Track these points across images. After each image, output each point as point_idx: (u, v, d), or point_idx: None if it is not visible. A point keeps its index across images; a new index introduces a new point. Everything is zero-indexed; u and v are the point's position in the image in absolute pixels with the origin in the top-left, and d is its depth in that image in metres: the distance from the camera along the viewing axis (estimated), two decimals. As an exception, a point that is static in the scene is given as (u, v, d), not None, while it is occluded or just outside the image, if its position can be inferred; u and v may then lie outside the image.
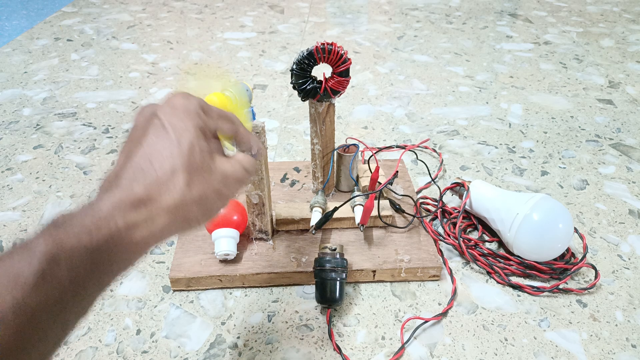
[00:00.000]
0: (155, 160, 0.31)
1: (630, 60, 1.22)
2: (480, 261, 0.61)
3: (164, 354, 0.51)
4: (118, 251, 0.29)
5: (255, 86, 1.07)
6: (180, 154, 0.31)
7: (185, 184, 0.31)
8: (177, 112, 0.33)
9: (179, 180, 0.31)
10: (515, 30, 1.40)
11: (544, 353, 0.52)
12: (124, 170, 0.31)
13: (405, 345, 0.52)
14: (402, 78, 1.12)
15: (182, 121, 0.32)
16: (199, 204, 0.32)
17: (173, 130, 0.32)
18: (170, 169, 0.31)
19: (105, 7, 1.56)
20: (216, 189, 0.33)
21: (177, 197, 0.31)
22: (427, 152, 0.85)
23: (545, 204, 0.59)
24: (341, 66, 0.57)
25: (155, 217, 0.30)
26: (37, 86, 1.06)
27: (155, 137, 0.32)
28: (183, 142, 0.32)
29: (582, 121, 0.95)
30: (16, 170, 0.79)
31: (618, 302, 0.58)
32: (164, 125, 0.32)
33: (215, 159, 0.34)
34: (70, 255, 0.26)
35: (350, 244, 0.62)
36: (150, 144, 0.31)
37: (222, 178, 0.34)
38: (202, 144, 0.33)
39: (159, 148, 0.31)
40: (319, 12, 1.54)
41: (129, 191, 0.29)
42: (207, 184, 0.33)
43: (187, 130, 0.32)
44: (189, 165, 0.31)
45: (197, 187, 0.32)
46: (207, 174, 0.33)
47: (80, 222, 0.28)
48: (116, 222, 0.28)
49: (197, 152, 0.32)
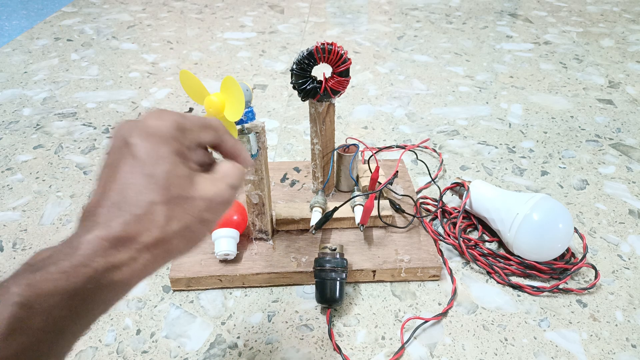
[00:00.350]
0: (131, 195, 0.29)
1: (630, 60, 1.22)
2: (480, 261, 0.61)
3: (164, 354, 0.51)
4: (98, 294, 0.27)
5: (255, 86, 1.07)
6: (156, 187, 0.29)
7: (165, 219, 0.29)
8: (150, 138, 0.30)
9: (157, 215, 0.29)
10: (515, 30, 1.40)
11: (544, 353, 0.52)
12: (100, 205, 0.29)
13: (405, 345, 0.52)
14: (402, 78, 1.12)
15: (156, 149, 0.30)
16: (182, 235, 0.30)
17: (147, 159, 0.29)
18: (148, 204, 0.29)
19: (105, 7, 1.56)
20: (199, 216, 0.31)
21: (157, 233, 0.29)
22: (427, 152, 0.85)
23: (545, 204, 0.59)
24: (341, 66, 0.57)
25: (136, 256, 0.28)
26: (37, 86, 1.06)
27: (129, 168, 0.29)
28: (158, 172, 0.29)
29: (582, 121, 0.95)
30: (16, 170, 0.79)
31: (618, 302, 0.58)
32: (136, 156, 0.30)
33: (195, 184, 0.31)
34: (45, 300, 0.25)
35: (350, 244, 0.62)
36: (124, 177, 0.29)
37: (205, 204, 0.31)
38: (180, 171, 0.30)
39: (133, 181, 0.29)
40: (319, 12, 1.54)
41: (107, 230, 0.28)
42: (188, 214, 0.30)
43: (161, 159, 0.30)
44: (166, 197, 0.29)
45: (178, 220, 0.30)
46: (187, 203, 0.30)
47: (56, 264, 0.26)
48: (95, 264, 0.27)
49: (174, 181, 0.30)
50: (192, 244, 0.32)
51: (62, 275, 0.26)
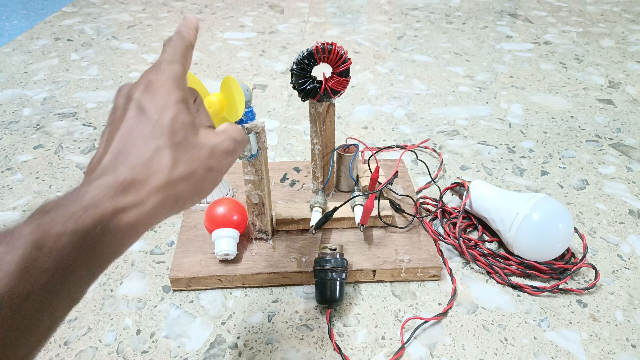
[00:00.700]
0: (137, 141, 0.30)
1: (630, 60, 1.22)
2: (480, 261, 0.61)
3: (164, 354, 0.51)
4: (106, 237, 0.28)
5: (255, 86, 1.07)
6: (161, 132, 0.30)
7: (171, 162, 0.30)
8: (153, 90, 0.31)
9: (164, 159, 0.30)
10: (515, 30, 1.40)
11: (544, 353, 0.52)
12: (106, 154, 0.30)
13: (405, 345, 0.52)
14: (402, 78, 1.12)
15: (160, 98, 0.31)
16: (188, 181, 0.31)
17: (152, 108, 0.31)
18: (154, 149, 0.30)
19: (105, 7, 1.56)
20: (205, 164, 0.32)
21: (164, 176, 0.30)
22: (427, 152, 0.85)
23: (545, 204, 0.59)
24: (341, 66, 0.57)
25: (144, 200, 0.29)
26: (37, 86, 1.06)
27: (134, 118, 0.31)
28: (163, 119, 0.30)
29: (582, 121, 0.95)
30: (16, 170, 0.79)
31: (618, 302, 0.58)
32: (140, 107, 0.31)
33: (199, 133, 0.32)
34: (55, 241, 0.25)
35: (350, 244, 0.62)
36: (130, 126, 0.30)
37: (209, 152, 0.32)
38: (185, 118, 0.32)
39: (139, 129, 0.30)
40: (319, 12, 1.54)
41: (115, 175, 0.28)
42: (194, 159, 0.31)
43: (166, 107, 0.31)
44: (172, 142, 0.30)
45: (184, 164, 0.31)
46: (192, 149, 0.31)
47: (65, 208, 0.27)
48: (103, 207, 0.27)
49: (179, 127, 0.31)
50: (200, 192, 0.33)
51: (70, 217, 0.26)
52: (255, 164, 0.55)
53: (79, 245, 0.26)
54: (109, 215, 0.27)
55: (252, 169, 0.56)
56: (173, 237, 0.66)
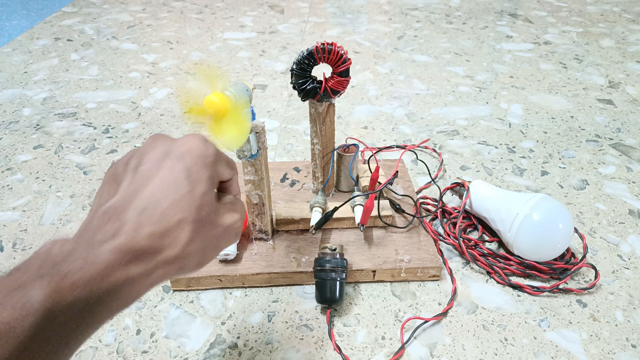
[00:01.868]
0: (164, 206, 0.29)
1: (630, 60, 1.22)
2: (480, 261, 0.61)
3: (164, 354, 0.51)
4: (110, 304, 0.27)
5: (255, 86, 1.07)
6: (190, 206, 0.30)
7: (189, 239, 0.30)
8: (195, 159, 0.31)
9: (184, 233, 0.30)
10: (515, 30, 1.40)
11: (544, 353, 0.52)
12: (129, 207, 0.29)
13: (405, 345, 0.52)
14: (402, 78, 1.12)
15: (199, 171, 0.31)
16: (196, 256, 0.31)
17: (188, 176, 0.30)
18: (179, 220, 0.29)
19: (105, 7, 1.56)
20: (216, 242, 0.33)
21: (177, 251, 0.29)
22: (427, 152, 0.85)
23: (545, 204, 0.59)
24: (341, 66, 0.57)
25: (153, 270, 0.29)
26: (37, 86, 1.06)
27: (170, 180, 0.30)
28: (196, 193, 0.30)
29: (582, 121, 0.95)
30: (16, 170, 0.79)
31: (618, 302, 0.58)
32: (179, 168, 0.30)
33: (219, 212, 0.33)
34: (68, 311, 0.25)
35: (350, 244, 0.62)
36: (164, 187, 0.29)
37: (222, 232, 0.33)
38: (212, 196, 0.32)
39: (169, 194, 0.29)
40: (319, 12, 1.54)
41: (133, 240, 0.28)
42: (208, 238, 0.32)
43: (201, 181, 0.31)
44: (196, 218, 0.30)
45: (199, 242, 0.31)
46: (211, 227, 0.32)
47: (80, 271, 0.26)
48: (116, 277, 0.27)
49: (206, 204, 0.31)
50: (200, 266, 0.33)
51: (86, 284, 0.26)
52: (255, 164, 0.55)
53: (88, 313, 0.26)
54: (120, 285, 0.27)
55: (252, 169, 0.56)
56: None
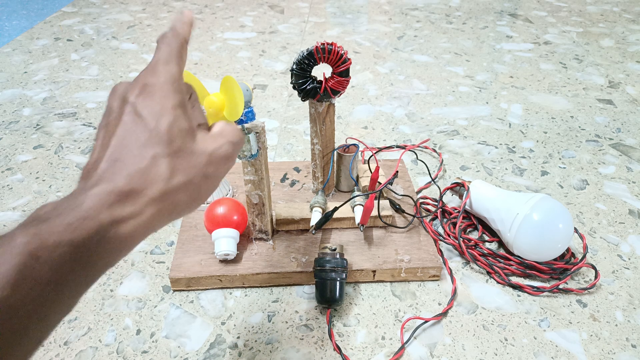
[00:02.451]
0: (134, 149, 0.29)
1: (630, 60, 1.22)
2: (480, 261, 0.61)
3: (164, 354, 0.51)
4: (103, 247, 0.27)
5: (255, 86, 1.07)
6: (159, 140, 0.29)
7: (169, 172, 0.29)
8: (150, 94, 0.30)
9: (161, 168, 0.29)
10: (515, 30, 1.40)
11: (544, 353, 0.52)
12: (102, 160, 0.29)
13: (405, 345, 0.52)
14: (402, 78, 1.12)
15: (157, 103, 0.30)
16: (186, 189, 0.30)
17: (149, 114, 0.30)
18: (151, 157, 0.29)
19: (105, 7, 1.56)
20: (202, 171, 0.31)
21: (161, 186, 0.29)
22: (427, 152, 0.85)
23: (545, 204, 0.59)
24: (341, 66, 0.57)
25: (142, 210, 0.28)
26: (37, 86, 1.06)
27: (130, 124, 0.30)
28: (160, 126, 0.30)
29: (582, 121, 0.95)
30: (16, 170, 0.79)
31: (618, 302, 0.58)
32: (137, 112, 0.30)
33: (197, 139, 0.32)
34: (52, 251, 0.25)
35: (350, 244, 0.62)
36: (126, 132, 0.29)
37: (207, 158, 0.32)
38: (182, 125, 0.31)
39: (136, 136, 0.29)
40: (319, 12, 1.54)
41: (112, 184, 0.28)
42: (191, 167, 0.31)
43: (164, 112, 0.30)
44: (169, 151, 0.29)
45: (182, 173, 0.30)
46: (190, 156, 0.31)
47: (63, 217, 0.26)
48: (101, 218, 0.27)
49: (176, 135, 0.30)
50: (197, 199, 0.32)
51: (67, 227, 0.26)
52: (255, 164, 0.55)
53: (75, 255, 0.26)
54: (107, 225, 0.27)
55: (252, 169, 0.56)
56: (173, 237, 0.66)
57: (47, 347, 0.52)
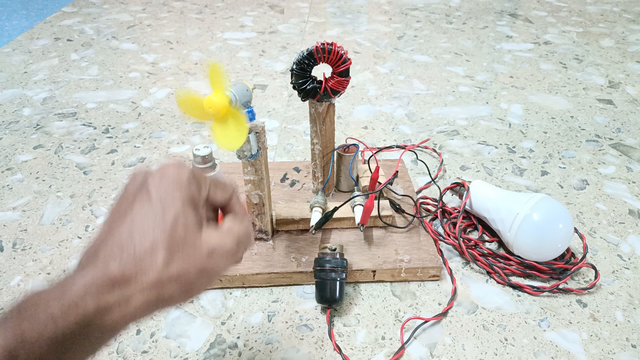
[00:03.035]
0: (136, 234, 0.29)
1: (630, 60, 1.22)
2: (480, 261, 0.61)
3: (164, 354, 0.51)
4: (86, 337, 0.27)
5: (255, 86, 1.07)
6: (163, 228, 0.29)
7: (164, 262, 0.29)
8: (166, 183, 0.31)
9: (157, 257, 0.28)
10: (515, 30, 1.40)
11: (544, 353, 0.52)
12: (103, 245, 0.29)
13: (405, 345, 0.52)
14: (402, 78, 1.12)
15: (170, 193, 0.30)
16: (178, 282, 0.29)
17: (159, 202, 0.30)
18: (150, 245, 0.29)
19: (105, 7, 1.56)
20: (199, 265, 0.30)
21: (154, 276, 0.28)
22: (427, 152, 0.85)
23: (545, 204, 0.59)
24: (341, 66, 0.57)
25: (129, 298, 0.27)
26: (37, 86, 1.06)
27: (140, 209, 0.30)
28: (167, 215, 0.30)
29: (582, 121, 0.95)
30: (16, 170, 0.79)
31: (618, 302, 0.58)
32: (150, 197, 0.30)
33: (202, 232, 0.31)
34: (31, 347, 0.24)
35: (350, 244, 0.62)
36: (134, 218, 0.29)
37: (207, 253, 0.31)
38: (189, 217, 0.31)
39: (142, 222, 0.29)
40: (319, 12, 1.54)
41: (104, 270, 0.27)
42: (189, 260, 0.30)
43: (173, 203, 0.30)
44: (170, 240, 0.29)
45: (177, 264, 0.29)
46: (190, 249, 0.30)
47: (46, 308, 0.25)
48: (86, 306, 0.26)
49: (180, 225, 0.30)
50: (188, 294, 0.31)
51: (50, 320, 0.25)
52: (255, 164, 0.55)
53: (55, 348, 0.25)
54: (91, 314, 0.26)
55: (252, 169, 0.56)
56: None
57: (47, 347, 0.52)
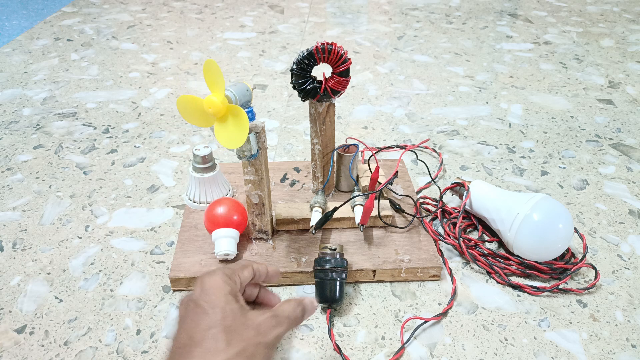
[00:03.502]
0: (197, 333, 0.36)
1: (630, 60, 1.22)
2: (480, 261, 0.61)
3: (164, 354, 0.51)
4: None
5: (255, 86, 1.07)
6: (215, 321, 0.36)
7: (225, 343, 0.35)
8: (206, 289, 0.38)
9: (218, 340, 0.35)
10: (515, 30, 1.40)
11: (544, 353, 0.52)
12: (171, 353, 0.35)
13: (405, 345, 0.52)
14: (402, 78, 1.12)
15: (212, 295, 0.38)
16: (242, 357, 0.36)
17: (206, 304, 0.37)
18: (210, 334, 0.35)
19: (105, 7, 1.56)
20: (254, 341, 0.37)
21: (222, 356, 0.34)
22: (427, 152, 0.85)
23: (545, 204, 0.59)
24: (341, 66, 0.57)
25: None
26: (37, 86, 1.06)
27: (192, 315, 0.37)
28: (215, 309, 0.37)
29: (582, 121, 0.95)
30: (16, 170, 0.79)
31: (618, 302, 0.58)
32: (198, 304, 0.37)
33: (248, 315, 0.38)
34: None
35: (350, 244, 0.62)
36: (189, 323, 0.37)
37: (256, 329, 0.38)
38: (233, 306, 0.38)
39: (197, 322, 0.36)
40: (319, 12, 1.54)
41: None
42: (244, 338, 0.36)
43: (216, 300, 0.38)
44: (223, 326, 0.36)
45: (236, 343, 0.36)
46: (241, 328, 0.37)
47: None
48: None
49: (228, 314, 0.37)
50: None
51: None
52: (255, 164, 0.55)
53: None
54: None
55: (252, 169, 0.56)
56: (173, 237, 0.66)
57: (47, 347, 0.52)
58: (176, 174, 0.79)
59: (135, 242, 0.65)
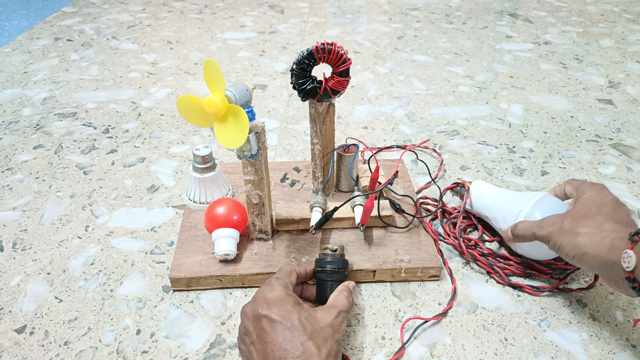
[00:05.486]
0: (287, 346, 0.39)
1: (630, 60, 1.22)
2: (480, 261, 0.61)
3: (164, 354, 0.51)
4: None
5: (255, 86, 1.07)
6: (298, 332, 0.40)
7: (317, 349, 0.39)
8: (273, 303, 0.42)
9: (311, 349, 0.39)
10: (515, 30, 1.40)
11: (544, 353, 0.52)
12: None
13: (405, 345, 0.52)
14: (402, 78, 1.12)
15: (281, 308, 0.41)
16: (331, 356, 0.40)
17: (280, 317, 0.41)
18: (301, 345, 0.39)
19: (105, 7, 1.56)
20: (334, 338, 0.42)
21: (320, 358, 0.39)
22: (427, 152, 0.85)
23: (547, 202, 0.59)
24: (341, 66, 0.57)
25: None
26: (37, 86, 1.06)
27: (274, 333, 0.40)
28: (293, 322, 0.40)
29: (582, 121, 0.95)
30: (16, 170, 0.79)
31: (618, 302, 0.58)
32: (272, 319, 0.41)
33: (318, 318, 0.42)
34: None
35: (350, 244, 0.62)
36: (275, 337, 0.40)
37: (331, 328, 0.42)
38: (305, 314, 0.42)
39: (282, 336, 0.40)
40: (319, 12, 1.54)
41: None
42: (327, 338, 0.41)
43: (289, 313, 0.41)
44: (308, 334, 0.40)
45: (325, 346, 0.40)
46: (322, 332, 0.41)
47: None
48: None
49: (306, 322, 0.41)
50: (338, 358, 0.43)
51: None
52: (255, 164, 0.55)
53: None
54: None
55: (252, 169, 0.56)
56: (173, 237, 0.66)
57: (47, 347, 0.52)
58: (176, 174, 0.79)
59: (135, 242, 0.65)
